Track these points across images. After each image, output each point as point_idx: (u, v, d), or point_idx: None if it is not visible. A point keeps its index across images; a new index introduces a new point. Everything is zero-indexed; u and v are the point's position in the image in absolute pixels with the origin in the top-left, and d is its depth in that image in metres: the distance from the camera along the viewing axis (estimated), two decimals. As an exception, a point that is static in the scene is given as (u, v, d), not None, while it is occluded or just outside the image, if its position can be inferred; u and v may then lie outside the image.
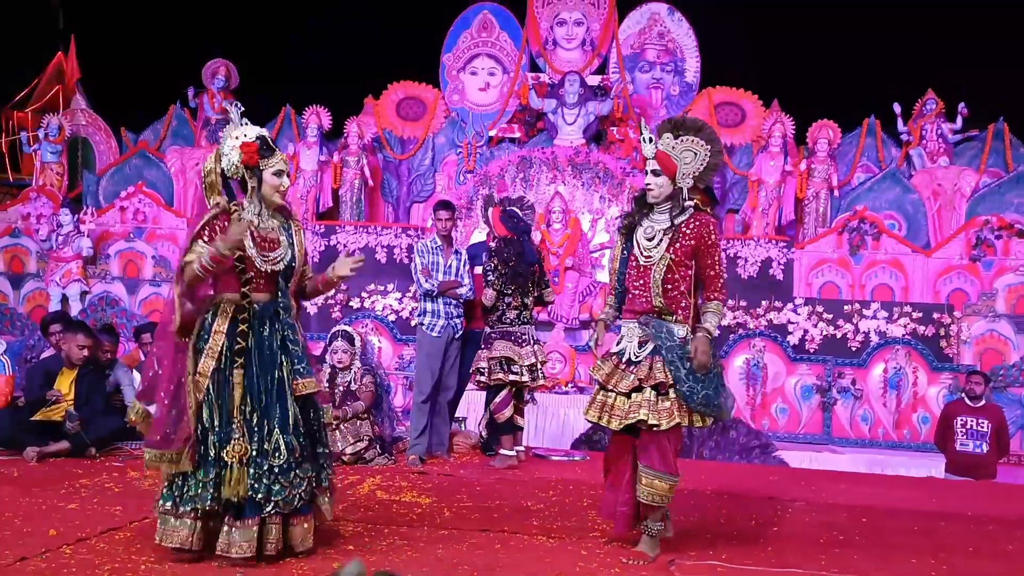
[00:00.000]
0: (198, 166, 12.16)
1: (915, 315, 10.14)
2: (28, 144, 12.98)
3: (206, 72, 12.64)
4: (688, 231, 3.94)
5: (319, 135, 11.76)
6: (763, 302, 10.39)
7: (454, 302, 6.48)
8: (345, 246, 11.13)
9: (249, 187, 3.74)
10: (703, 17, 12.65)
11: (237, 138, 3.72)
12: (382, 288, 10.87)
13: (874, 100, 12.34)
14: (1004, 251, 10.48)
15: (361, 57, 14.34)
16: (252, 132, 3.76)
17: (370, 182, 11.83)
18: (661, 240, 3.95)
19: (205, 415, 3.59)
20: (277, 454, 3.58)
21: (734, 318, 10.34)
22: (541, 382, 6.56)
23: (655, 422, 3.85)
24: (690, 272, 3.96)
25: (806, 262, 10.78)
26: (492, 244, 6.57)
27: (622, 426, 3.92)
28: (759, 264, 10.70)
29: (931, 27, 13.81)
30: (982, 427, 7.75)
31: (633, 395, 3.90)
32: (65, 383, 6.24)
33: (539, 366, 6.41)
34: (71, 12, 14.75)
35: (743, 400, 9.80)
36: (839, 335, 10.20)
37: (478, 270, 6.54)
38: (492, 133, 12.25)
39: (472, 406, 8.15)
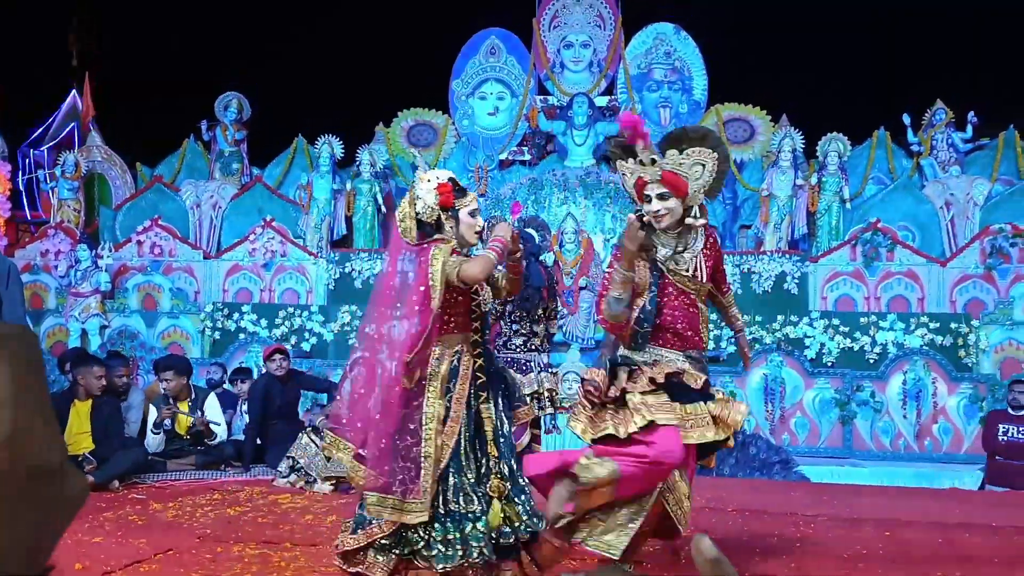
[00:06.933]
0: (213, 198, 12.34)
1: (932, 325, 10.08)
2: (45, 181, 13.15)
3: (219, 105, 12.80)
4: (707, 252, 3.63)
5: (332, 164, 11.86)
6: (778, 317, 10.36)
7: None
8: (360, 272, 11.22)
9: (447, 228, 3.74)
10: (709, 35, 12.71)
11: (430, 180, 3.76)
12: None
13: (883, 112, 12.35)
14: (1020, 259, 10.43)
15: (370, 86, 14.48)
16: (444, 175, 3.80)
17: (383, 209, 11.90)
18: (694, 268, 3.58)
19: (452, 463, 3.53)
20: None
21: (750, 334, 10.30)
22: (549, 411, 6.10)
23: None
24: None
25: (820, 275, 10.75)
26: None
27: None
28: (773, 279, 10.68)
29: (938, 36, 13.83)
30: None
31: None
32: (79, 416, 6.30)
33: (545, 394, 5.94)
34: (84, 50, 14.96)
35: (762, 416, 9.77)
36: (856, 348, 10.14)
37: None
38: (503, 156, 12.32)
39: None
